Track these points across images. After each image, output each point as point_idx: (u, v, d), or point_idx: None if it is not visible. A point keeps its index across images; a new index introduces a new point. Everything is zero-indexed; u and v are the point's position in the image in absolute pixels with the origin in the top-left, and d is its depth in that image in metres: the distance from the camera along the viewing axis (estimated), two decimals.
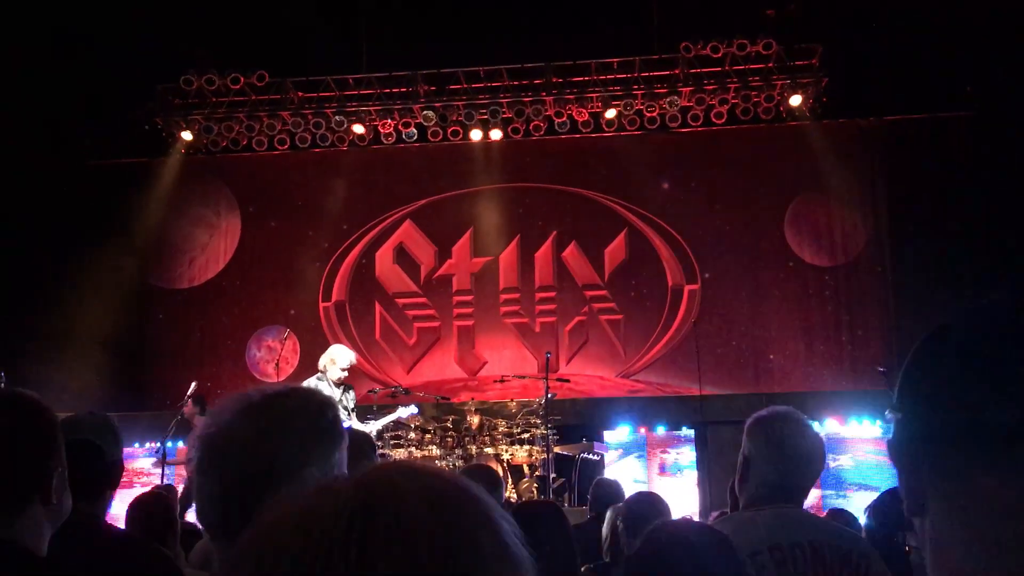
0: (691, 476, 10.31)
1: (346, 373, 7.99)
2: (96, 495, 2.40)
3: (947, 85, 12.21)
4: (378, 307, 13.37)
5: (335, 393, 7.91)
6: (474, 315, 13.30)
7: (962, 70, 12.09)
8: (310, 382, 8.00)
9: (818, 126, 12.90)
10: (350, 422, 7.74)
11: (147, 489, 7.02)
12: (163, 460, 8.93)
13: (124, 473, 2.59)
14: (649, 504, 4.13)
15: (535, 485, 9.70)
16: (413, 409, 9.10)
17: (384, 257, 13.51)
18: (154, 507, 3.84)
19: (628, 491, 5.87)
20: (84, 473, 1.87)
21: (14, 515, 1.74)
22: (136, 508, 3.85)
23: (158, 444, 9.31)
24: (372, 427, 8.68)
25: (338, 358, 8.01)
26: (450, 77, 13.05)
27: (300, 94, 13.26)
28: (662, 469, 10.39)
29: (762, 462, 2.55)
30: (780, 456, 2.52)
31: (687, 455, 10.36)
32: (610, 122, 12.99)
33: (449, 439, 9.96)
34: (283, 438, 1.49)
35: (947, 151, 12.10)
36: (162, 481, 8.92)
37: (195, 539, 4.47)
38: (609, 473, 10.13)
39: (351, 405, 8.10)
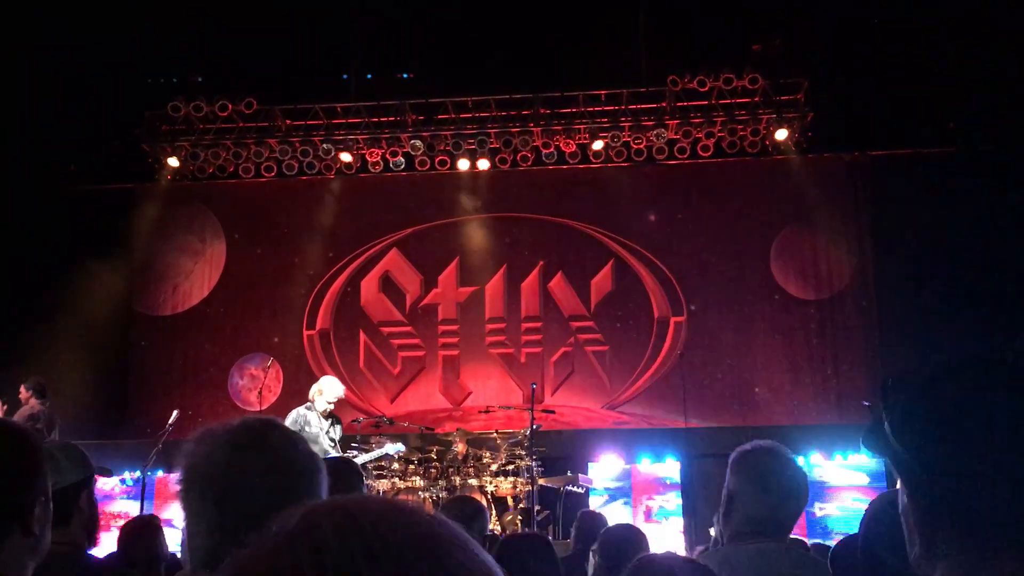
0: (676, 523, 10.25)
1: (332, 406, 8.01)
2: (56, 524, 2.35)
3: (930, 121, 12.34)
4: (363, 336, 13.30)
5: (322, 424, 7.87)
6: (459, 345, 13.25)
7: (945, 107, 12.23)
8: (298, 411, 7.98)
9: (803, 160, 12.99)
10: (335, 453, 7.68)
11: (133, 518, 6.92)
12: (143, 489, 8.81)
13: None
14: (626, 538, 4.07)
15: (519, 518, 9.61)
16: (400, 447, 9.07)
17: (369, 285, 13.47)
18: (141, 536, 3.78)
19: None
20: None
21: None
22: (123, 536, 3.79)
23: (138, 473, 9.20)
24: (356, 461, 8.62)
25: (326, 390, 8.03)
26: (438, 107, 13.10)
27: (288, 122, 13.27)
28: (648, 516, 10.35)
29: (746, 496, 2.52)
30: (764, 490, 2.50)
31: (673, 501, 10.29)
32: (597, 153, 13.05)
33: (433, 470, 9.88)
34: (271, 473, 1.50)
35: (931, 186, 12.18)
36: (142, 511, 8.80)
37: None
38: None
39: (337, 437, 8.07)
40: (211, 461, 1.50)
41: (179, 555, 8.75)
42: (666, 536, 10.09)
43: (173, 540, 9.87)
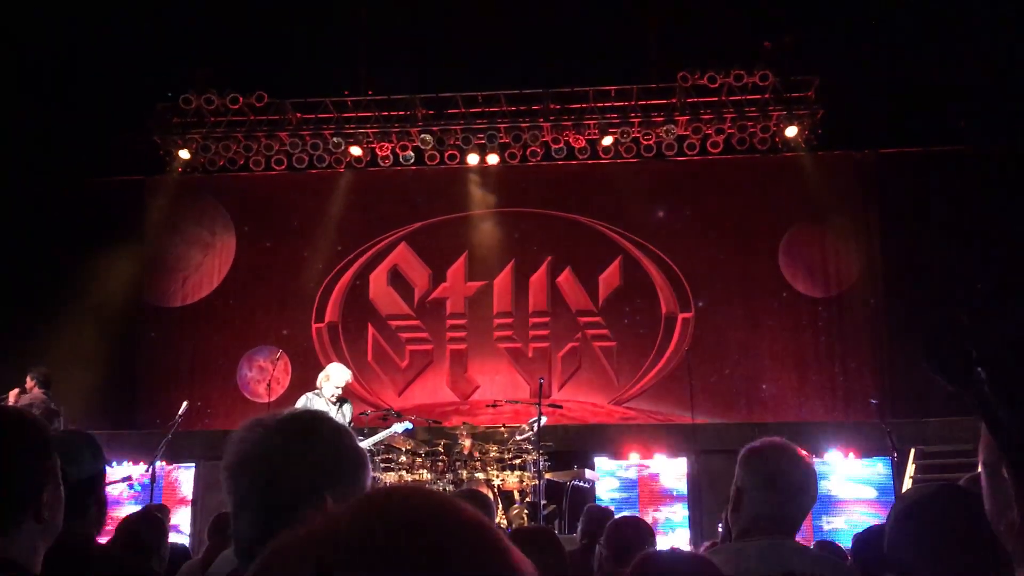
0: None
1: (339, 391, 8.12)
2: (73, 514, 2.39)
3: (941, 120, 12.30)
4: (371, 329, 13.34)
5: (330, 410, 7.96)
6: (467, 339, 13.28)
7: (956, 106, 12.19)
8: (307, 396, 8.08)
9: (813, 158, 12.97)
10: None
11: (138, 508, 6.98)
12: (153, 479, 8.86)
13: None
14: (632, 530, 4.09)
15: (525, 511, 9.63)
16: (408, 424, 9.11)
17: (378, 279, 13.50)
18: (143, 526, 3.81)
19: (615, 505, 5.83)
20: None
21: (6, 532, 1.73)
22: (124, 526, 3.82)
23: (148, 464, 9.25)
24: (364, 445, 8.67)
25: (333, 375, 8.15)
26: (448, 101, 13.11)
27: (298, 115, 13.30)
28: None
29: (755, 493, 2.53)
30: (773, 487, 2.51)
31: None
32: (607, 149, 13.04)
33: (440, 463, 9.91)
34: (319, 464, 1.53)
35: (940, 185, 12.17)
36: (151, 500, 8.86)
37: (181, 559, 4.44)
38: (599, 483, 10.10)
39: (347, 421, 8.15)
40: (261, 449, 1.52)
41: (187, 544, 8.81)
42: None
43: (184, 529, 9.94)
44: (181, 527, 10.44)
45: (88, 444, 2.48)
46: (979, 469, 0.94)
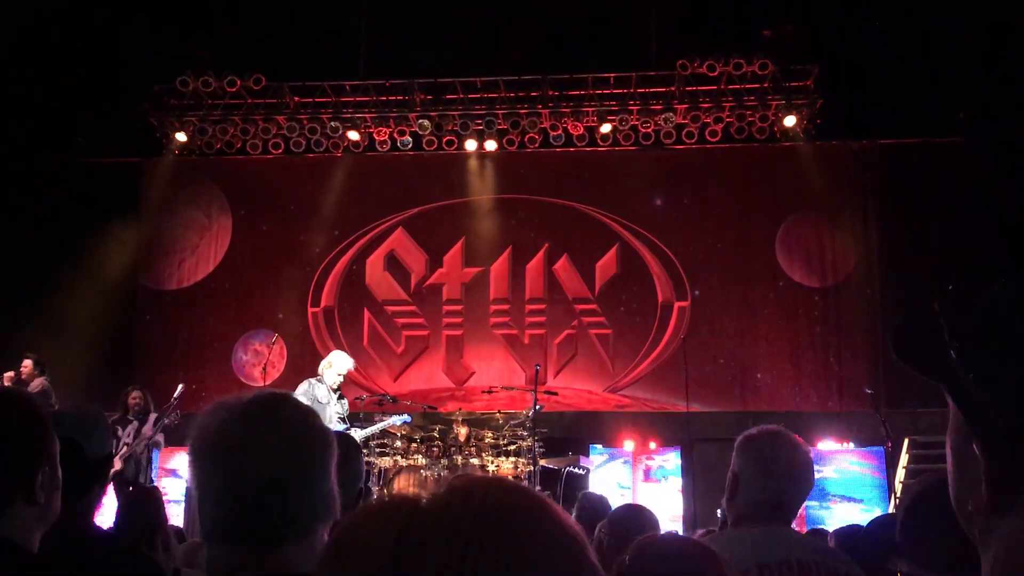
0: (675, 483, 10.38)
1: (341, 379, 8.13)
2: (79, 493, 2.39)
3: (939, 111, 12.29)
4: (367, 314, 13.33)
5: (332, 398, 7.95)
6: (463, 325, 13.28)
7: (954, 97, 12.18)
8: (309, 382, 8.09)
9: (811, 147, 12.96)
10: (342, 427, 7.76)
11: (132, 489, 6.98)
12: (148, 461, 8.88)
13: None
14: (635, 517, 4.10)
15: None
16: (406, 417, 9.14)
17: (375, 264, 13.49)
18: (141, 507, 3.81)
19: (612, 498, 5.86)
20: (63, 472, 1.86)
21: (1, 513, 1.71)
22: (123, 508, 3.82)
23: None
24: (363, 434, 8.69)
25: (336, 363, 8.14)
26: (447, 86, 13.07)
27: (296, 99, 13.25)
28: (647, 475, 10.45)
29: (751, 480, 2.54)
30: (769, 474, 2.52)
31: (672, 461, 10.41)
32: (605, 136, 13.02)
33: (435, 449, 9.94)
34: (282, 446, 1.50)
35: (938, 176, 12.17)
36: (146, 482, 8.87)
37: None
38: (594, 478, 10.16)
39: (345, 413, 8.16)
40: (223, 433, 1.49)
41: (182, 526, 8.83)
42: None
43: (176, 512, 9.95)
44: (175, 510, 10.45)
45: (102, 424, 2.48)
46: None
